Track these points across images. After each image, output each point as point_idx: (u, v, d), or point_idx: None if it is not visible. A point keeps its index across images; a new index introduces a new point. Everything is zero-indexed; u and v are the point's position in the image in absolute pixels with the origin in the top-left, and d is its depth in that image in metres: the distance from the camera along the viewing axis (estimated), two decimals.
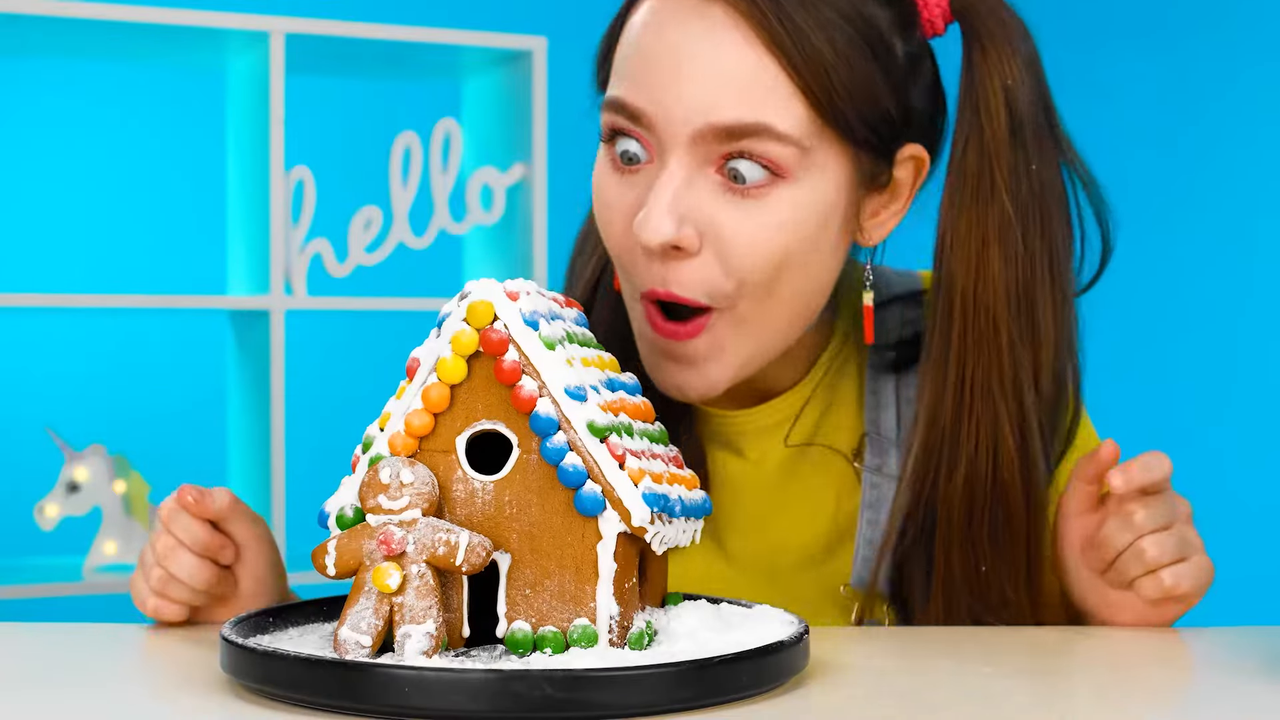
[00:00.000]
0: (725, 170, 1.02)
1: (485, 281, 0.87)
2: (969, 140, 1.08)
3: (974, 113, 1.08)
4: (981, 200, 1.08)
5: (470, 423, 0.85)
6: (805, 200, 1.03)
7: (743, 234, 1.02)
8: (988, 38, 1.08)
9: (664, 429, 0.93)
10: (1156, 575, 1.04)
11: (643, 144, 1.04)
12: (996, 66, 1.08)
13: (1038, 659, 0.96)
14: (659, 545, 0.84)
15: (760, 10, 1.00)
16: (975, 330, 1.08)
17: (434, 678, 0.75)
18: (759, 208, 1.02)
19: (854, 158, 1.05)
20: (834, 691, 0.84)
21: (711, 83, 1.01)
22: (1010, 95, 1.08)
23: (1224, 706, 0.84)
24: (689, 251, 1.02)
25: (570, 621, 0.82)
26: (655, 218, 1.01)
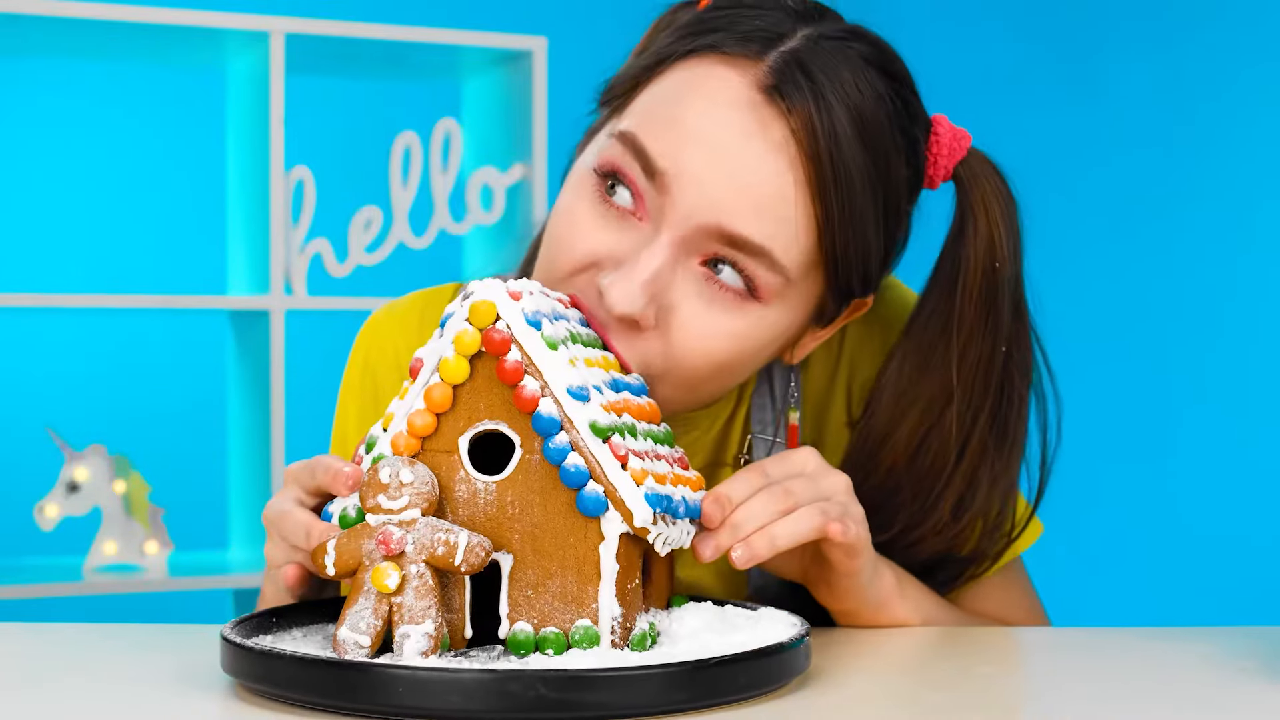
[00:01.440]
0: (709, 265, 0.99)
1: (488, 281, 0.87)
2: (934, 311, 1.08)
3: (949, 287, 1.07)
4: (928, 370, 1.08)
5: (473, 423, 0.85)
6: (767, 325, 1.01)
7: (695, 330, 0.99)
8: (982, 211, 1.07)
9: (669, 430, 0.93)
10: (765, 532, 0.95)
11: (636, 200, 0.99)
12: (985, 244, 1.06)
13: (1037, 659, 0.96)
14: (662, 546, 0.84)
15: (817, 145, 0.97)
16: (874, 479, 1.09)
17: (428, 677, 0.75)
18: (723, 315, 0.99)
19: (822, 299, 1.04)
20: (834, 692, 0.84)
21: (739, 189, 0.97)
22: (991, 279, 1.06)
23: (1222, 706, 0.84)
24: (643, 327, 0.99)
25: (572, 622, 0.82)
26: (630, 290, 0.97)
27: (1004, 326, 1.08)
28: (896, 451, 1.09)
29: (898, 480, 1.09)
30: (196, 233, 2.91)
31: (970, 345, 1.07)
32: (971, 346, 1.07)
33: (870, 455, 1.09)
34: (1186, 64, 3.17)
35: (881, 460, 1.09)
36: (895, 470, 1.09)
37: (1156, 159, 3.11)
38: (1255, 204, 3.11)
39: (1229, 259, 3.12)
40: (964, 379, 1.07)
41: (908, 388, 1.09)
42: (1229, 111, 3.12)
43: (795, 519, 0.95)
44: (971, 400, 1.08)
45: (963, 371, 1.07)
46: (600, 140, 1.03)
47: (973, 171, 1.07)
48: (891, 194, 1.01)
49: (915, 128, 1.04)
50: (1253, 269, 3.10)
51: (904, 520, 1.10)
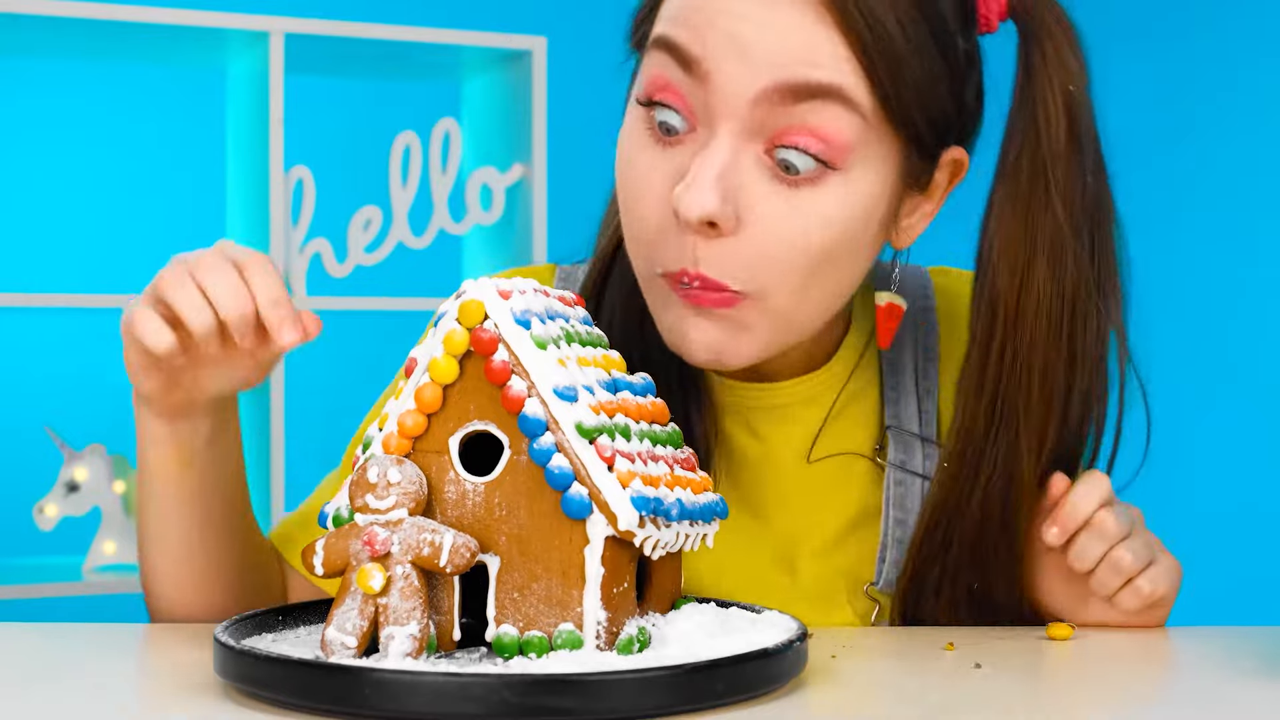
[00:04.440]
0: (774, 154, 0.96)
1: (482, 280, 0.86)
2: (1023, 146, 1.03)
3: (1031, 118, 1.02)
4: (1034, 210, 1.02)
5: (463, 423, 0.84)
6: (854, 194, 0.98)
7: (785, 226, 0.97)
8: (1048, 39, 1.03)
9: (677, 430, 0.92)
10: (1134, 585, 1.04)
11: (684, 113, 0.97)
12: (1057, 70, 1.02)
13: (1033, 658, 0.96)
14: (652, 550, 0.84)
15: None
16: (1013, 350, 1.03)
17: (394, 680, 0.74)
18: (806, 199, 0.97)
19: (904, 154, 1.00)
20: (829, 694, 0.84)
21: (779, 42, 0.94)
22: (1071, 101, 1.02)
23: (1220, 706, 0.83)
24: (725, 232, 0.97)
25: (557, 626, 0.81)
26: (699, 190, 0.95)
27: (1088, 154, 1.04)
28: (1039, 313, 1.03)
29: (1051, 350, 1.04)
30: (196, 232, 2.90)
31: (1065, 177, 1.02)
32: (1067, 178, 1.02)
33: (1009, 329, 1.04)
34: (1184, 64, 3.17)
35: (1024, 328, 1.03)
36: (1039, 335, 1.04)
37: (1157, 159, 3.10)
38: (1258, 202, 3.10)
39: (1224, 260, 3.11)
40: (1071, 215, 1.02)
41: (1018, 237, 1.03)
42: (1228, 112, 3.11)
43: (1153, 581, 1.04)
44: (1077, 237, 1.03)
45: (1068, 207, 1.02)
46: (639, 69, 1.02)
47: (1028, 3, 1.04)
48: (938, 29, 0.98)
49: None
50: (1245, 268, 3.10)
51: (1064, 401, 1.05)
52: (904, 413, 1.13)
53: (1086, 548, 1.04)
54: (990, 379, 1.04)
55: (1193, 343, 3.07)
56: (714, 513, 0.90)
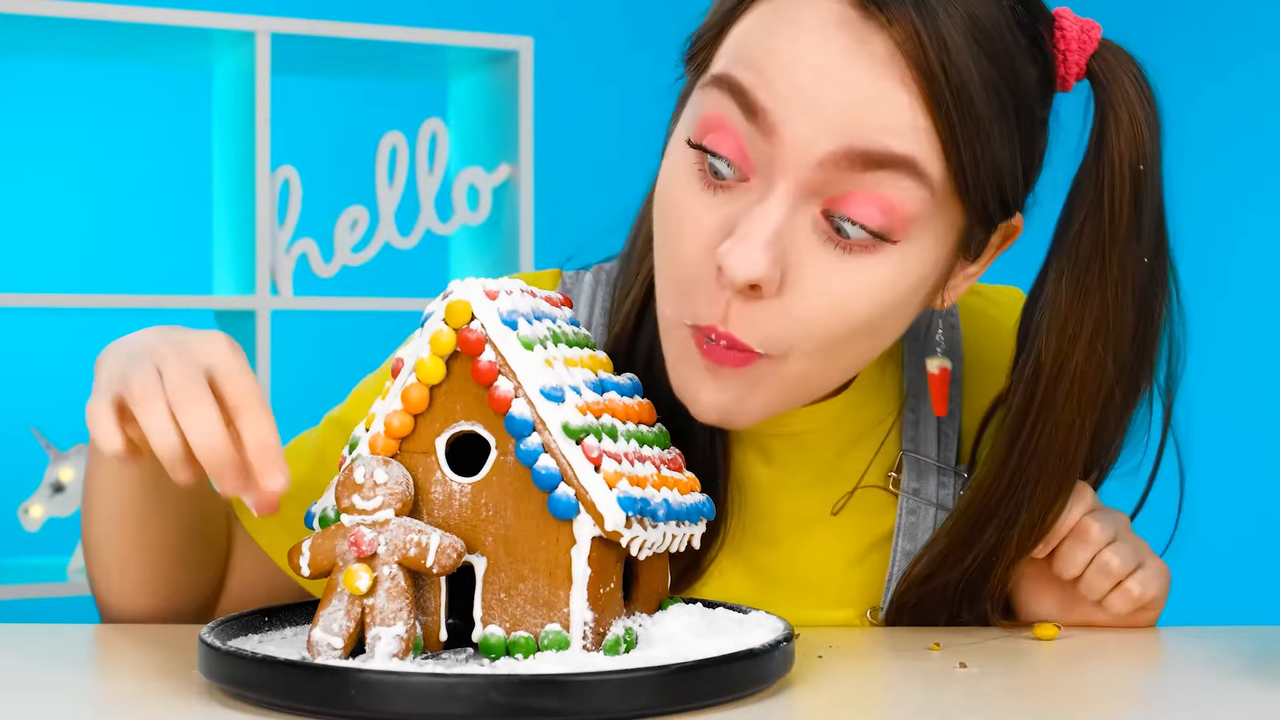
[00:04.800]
0: (831, 219, 0.91)
1: (469, 280, 0.86)
2: (1086, 220, 0.98)
3: (1098, 191, 0.97)
4: (1087, 288, 0.98)
5: (449, 424, 0.84)
6: (909, 265, 0.93)
7: (828, 291, 0.91)
8: (1124, 109, 0.97)
9: (664, 431, 0.92)
10: (1124, 588, 1.04)
11: (738, 161, 0.91)
12: (1130, 144, 0.97)
13: (1019, 658, 0.96)
14: (639, 550, 0.84)
15: (926, 54, 0.88)
16: (1044, 428, 1.01)
17: (378, 680, 0.74)
18: (858, 266, 0.91)
19: (966, 225, 0.95)
20: (816, 694, 0.84)
21: (857, 105, 0.88)
22: (1139, 180, 0.97)
23: (1206, 706, 0.83)
24: (766, 295, 0.91)
25: (544, 626, 0.81)
26: (749, 251, 0.89)
27: (1149, 235, 0.98)
28: (1075, 388, 1.00)
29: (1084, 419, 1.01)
30: (182, 232, 2.90)
31: (1125, 259, 0.98)
32: (1126, 260, 0.98)
33: (1048, 398, 1.00)
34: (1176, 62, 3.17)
35: (1059, 400, 1.00)
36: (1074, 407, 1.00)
37: None
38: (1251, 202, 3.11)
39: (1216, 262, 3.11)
40: (1121, 298, 0.98)
41: (1069, 313, 0.99)
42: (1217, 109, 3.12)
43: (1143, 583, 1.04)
44: (1123, 318, 0.99)
45: (1122, 290, 0.98)
46: (692, 102, 0.95)
47: (1108, 65, 0.98)
48: (1020, 98, 0.92)
49: (1037, 23, 0.95)
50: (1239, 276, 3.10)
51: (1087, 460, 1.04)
52: (922, 437, 1.11)
53: (1073, 555, 1.04)
54: (1018, 449, 1.02)
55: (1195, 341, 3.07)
56: (700, 513, 0.90)
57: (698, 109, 0.94)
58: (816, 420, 1.10)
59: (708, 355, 0.94)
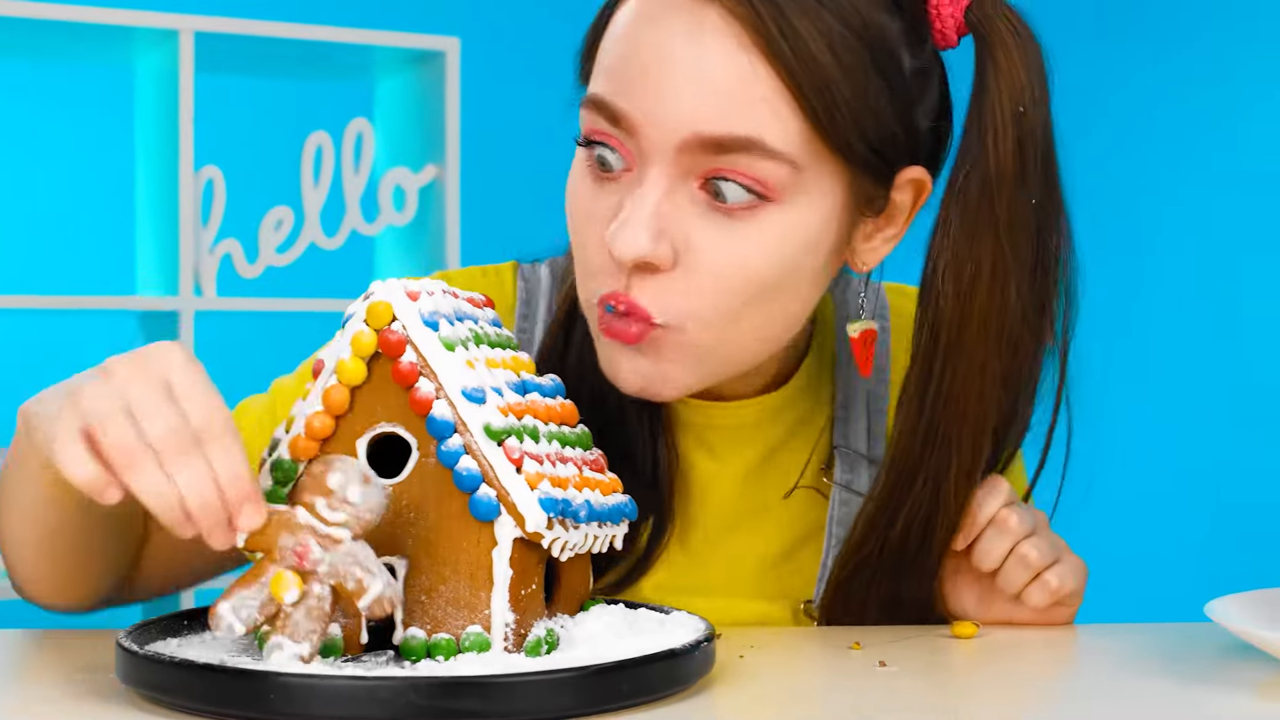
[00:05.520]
0: (708, 186, 0.95)
1: (391, 281, 0.86)
2: (973, 167, 1.00)
3: (980, 137, 1.00)
4: (977, 231, 1.00)
5: (370, 425, 0.84)
6: (792, 225, 0.96)
7: (718, 255, 0.96)
8: (1003, 54, 1.00)
9: (586, 432, 0.92)
10: (1042, 579, 1.05)
11: (621, 153, 0.97)
12: (1010, 89, 0.99)
13: (938, 657, 0.97)
14: (560, 551, 0.84)
15: (758, 14, 0.92)
16: (953, 371, 1.02)
17: (299, 684, 0.74)
18: (741, 228, 0.95)
19: (851, 180, 0.98)
20: (736, 694, 0.84)
21: (700, 90, 0.93)
22: (1021, 122, 0.99)
23: (1122, 702, 0.84)
24: (663, 269, 0.96)
25: (465, 628, 0.81)
26: (631, 231, 0.94)
27: (1035, 177, 1.01)
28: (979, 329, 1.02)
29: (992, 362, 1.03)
30: (104, 233, 2.87)
31: (1014, 200, 1.00)
32: (1015, 201, 1.00)
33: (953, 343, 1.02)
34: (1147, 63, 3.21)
35: (966, 343, 1.02)
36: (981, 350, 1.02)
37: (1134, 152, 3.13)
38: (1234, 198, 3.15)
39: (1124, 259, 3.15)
40: (1015, 239, 1.01)
41: (964, 256, 1.01)
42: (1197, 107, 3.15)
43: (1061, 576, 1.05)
44: (1020, 261, 1.02)
45: (1014, 231, 1.01)
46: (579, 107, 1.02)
47: (985, 15, 1.01)
48: (877, 49, 0.95)
49: None
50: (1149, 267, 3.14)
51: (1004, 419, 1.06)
52: (852, 432, 1.13)
53: (991, 546, 1.05)
54: (930, 399, 1.03)
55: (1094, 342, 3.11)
56: (622, 514, 0.90)
57: (582, 121, 1.00)
58: (753, 414, 1.12)
59: (608, 332, 0.99)
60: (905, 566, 1.07)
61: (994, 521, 1.05)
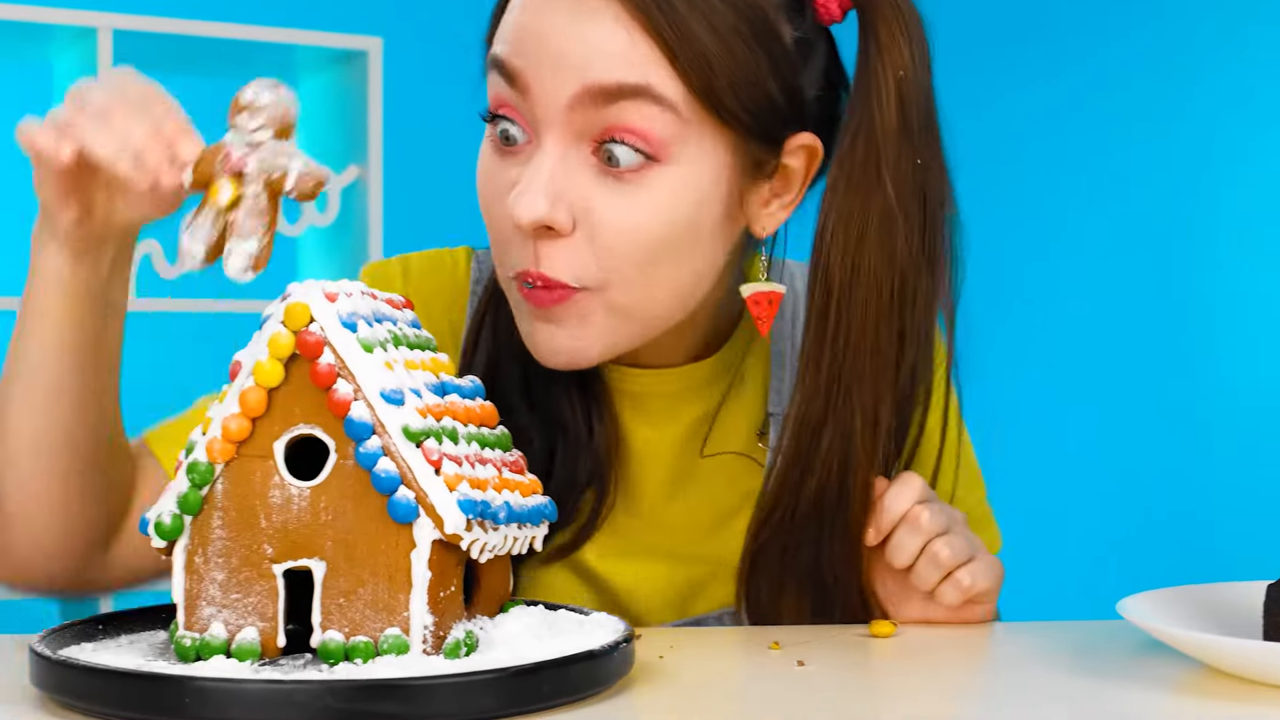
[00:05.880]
0: (600, 153, 1.01)
1: (308, 283, 0.85)
2: (859, 130, 1.05)
3: (865, 102, 1.05)
4: (864, 190, 1.05)
5: (288, 427, 0.84)
6: (681, 184, 1.02)
7: (615, 218, 1.01)
8: (884, 26, 1.06)
9: (506, 433, 0.92)
10: (954, 578, 1.06)
11: (521, 124, 1.03)
12: (891, 56, 1.05)
13: (856, 656, 0.97)
14: (479, 553, 0.84)
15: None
16: (847, 324, 1.06)
17: (214, 688, 0.74)
18: (633, 190, 1.01)
19: (736, 144, 1.03)
20: (655, 694, 0.84)
21: (590, 51, 1.00)
22: (903, 86, 1.05)
23: (1035, 698, 0.85)
24: (561, 233, 1.01)
25: (383, 631, 0.81)
26: (529, 196, 1.00)
27: (919, 136, 1.06)
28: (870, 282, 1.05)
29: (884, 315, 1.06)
30: (22, 232, 2.84)
31: (899, 157, 1.05)
32: (900, 158, 1.05)
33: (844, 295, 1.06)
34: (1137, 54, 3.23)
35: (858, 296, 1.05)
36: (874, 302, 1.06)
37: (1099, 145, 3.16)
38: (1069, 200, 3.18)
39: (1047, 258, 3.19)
40: (901, 194, 1.05)
41: (852, 210, 1.05)
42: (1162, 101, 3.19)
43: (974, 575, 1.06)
44: (908, 218, 1.06)
45: (900, 186, 1.05)
46: None
47: None
48: (753, 19, 1.01)
49: None
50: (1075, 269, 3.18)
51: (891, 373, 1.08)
52: (787, 399, 1.15)
53: (902, 543, 1.06)
54: (827, 354, 1.06)
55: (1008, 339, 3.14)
56: (542, 515, 0.90)
57: (488, 89, 1.06)
58: (687, 380, 1.15)
59: (530, 299, 1.04)
60: (822, 531, 1.08)
61: (906, 519, 1.06)
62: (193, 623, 0.83)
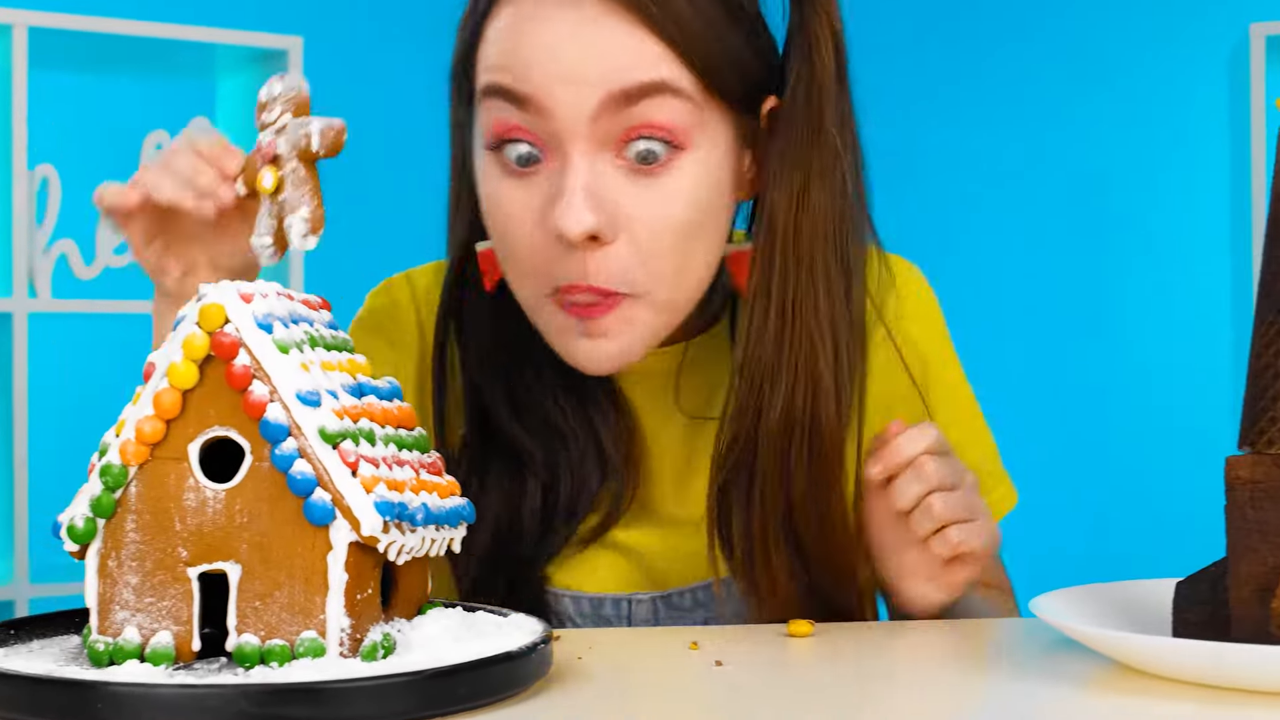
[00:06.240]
0: (625, 154, 1.04)
1: (223, 284, 0.85)
2: (799, 78, 1.10)
3: (804, 55, 1.10)
4: (809, 136, 1.10)
5: (203, 429, 0.83)
6: (702, 168, 1.06)
7: (649, 214, 1.05)
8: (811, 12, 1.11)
9: (424, 435, 0.92)
10: (944, 533, 1.08)
11: (535, 143, 1.05)
12: (827, 9, 1.10)
13: (773, 655, 0.98)
14: (396, 555, 0.83)
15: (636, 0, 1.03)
16: (795, 259, 1.09)
17: (125, 693, 0.73)
18: (662, 184, 1.05)
19: (734, 119, 1.09)
20: (573, 695, 0.85)
21: (603, 59, 1.03)
22: (837, 37, 1.11)
23: (937, 695, 0.86)
24: (605, 240, 1.04)
25: (299, 634, 0.80)
26: (576, 209, 1.03)
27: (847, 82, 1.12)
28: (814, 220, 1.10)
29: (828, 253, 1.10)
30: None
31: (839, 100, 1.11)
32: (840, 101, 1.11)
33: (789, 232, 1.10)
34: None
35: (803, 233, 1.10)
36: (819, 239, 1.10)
37: None
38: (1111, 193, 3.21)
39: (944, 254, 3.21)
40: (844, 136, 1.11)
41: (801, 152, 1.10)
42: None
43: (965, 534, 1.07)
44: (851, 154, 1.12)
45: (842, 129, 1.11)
46: (475, 120, 1.10)
47: None
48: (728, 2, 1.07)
49: None
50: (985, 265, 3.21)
51: None
52: None
53: (904, 487, 1.08)
54: (776, 294, 1.09)
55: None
56: (460, 516, 0.90)
57: (482, 122, 1.07)
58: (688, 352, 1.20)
59: (575, 312, 1.07)
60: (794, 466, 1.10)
61: (914, 465, 1.08)
62: (106, 627, 0.82)
